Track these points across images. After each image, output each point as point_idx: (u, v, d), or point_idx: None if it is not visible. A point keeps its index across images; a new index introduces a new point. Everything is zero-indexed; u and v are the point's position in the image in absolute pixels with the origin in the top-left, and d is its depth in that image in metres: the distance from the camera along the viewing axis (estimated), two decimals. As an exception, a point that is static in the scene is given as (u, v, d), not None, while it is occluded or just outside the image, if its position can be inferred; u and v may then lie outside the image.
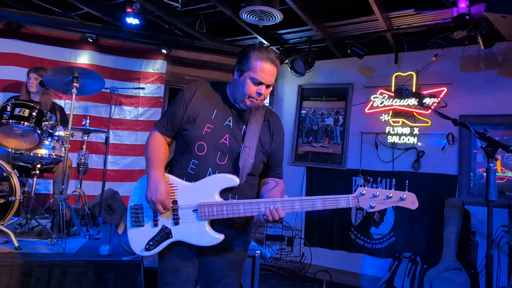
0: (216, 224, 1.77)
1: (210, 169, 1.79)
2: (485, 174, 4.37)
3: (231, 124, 1.86)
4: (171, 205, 1.77)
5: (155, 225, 1.79)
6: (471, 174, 4.68)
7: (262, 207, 1.71)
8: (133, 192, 1.88)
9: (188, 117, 1.83)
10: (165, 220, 1.79)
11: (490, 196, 1.77)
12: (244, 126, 1.87)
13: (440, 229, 4.47)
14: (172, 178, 1.83)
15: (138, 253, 1.80)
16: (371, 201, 1.68)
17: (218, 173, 1.78)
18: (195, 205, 1.76)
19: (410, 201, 1.70)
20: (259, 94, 1.79)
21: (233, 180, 1.76)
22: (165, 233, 1.77)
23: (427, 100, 4.60)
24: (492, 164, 1.78)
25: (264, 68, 1.75)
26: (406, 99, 4.77)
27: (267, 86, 1.80)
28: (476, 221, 4.43)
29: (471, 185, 4.68)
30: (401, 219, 4.96)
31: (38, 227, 3.54)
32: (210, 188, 1.77)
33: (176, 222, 1.77)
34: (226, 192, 1.78)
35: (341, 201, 1.70)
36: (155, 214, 1.80)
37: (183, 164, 1.84)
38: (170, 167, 1.93)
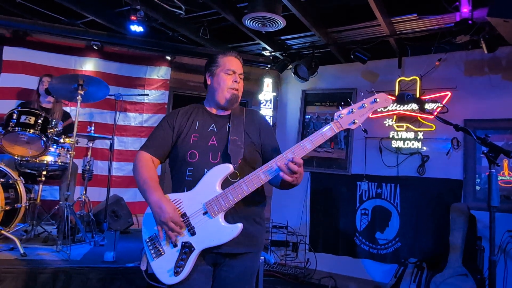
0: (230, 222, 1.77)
1: (206, 170, 1.82)
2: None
3: (214, 128, 1.95)
4: (181, 219, 1.76)
5: (174, 245, 1.77)
6: (477, 178, 4.65)
7: (261, 174, 1.73)
8: (144, 225, 1.86)
9: (177, 136, 1.94)
10: (182, 237, 1.76)
11: (492, 201, 1.76)
12: (228, 124, 1.96)
13: (445, 234, 4.43)
14: (172, 195, 1.84)
15: (169, 283, 1.74)
16: (351, 118, 1.71)
17: None
18: (203, 207, 1.76)
19: (383, 99, 1.73)
20: (236, 82, 1.96)
21: (227, 167, 1.78)
22: (187, 249, 1.74)
23: (429, 106, 4.58)
24: (493, 170, 1.78)
25: (231, 60, 1.99)
26: (411, 104, 4.76)
27: (239, 76, 1.99)
28: (482, 226, 4.38)
29: (477, 189, 4.65)
30: (406, 224, 4.93)
31: (43, 233, 3.57)
32: (209, 185, 1.77)
33: (192, 232, 1.76)
34: (228, 185, 1.78)
35: (326, 132, 1.73)
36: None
37: (180, 176, 1.88)
38: (172, 187, 1.95)
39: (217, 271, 1.86)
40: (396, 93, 4.97)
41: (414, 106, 4.71)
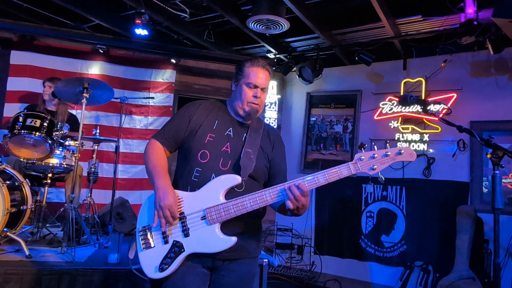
0: (226, 233, 1.76)
1: (213, 174, 1.80)
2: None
3: (231, 133, 1.91)
4: (178, 216, 1.76)
5: (166, 242, 1.76)
6: (484, 181, 4.60)
7: (267, 195, 1.72)
8: (140, 215, 1.86)
9: (191, 130, 1.90)
10: (175, 235, 1.76)
11: (496, 203, 1.74)
12: (245, 133, 1.93)
13: (452, 237, 4.39)
14: (176, 191, 1.82)
15: (152, 277, 1.73)
16: (371, 163, 1.66)
17: None
18: (202, 211, 1.75)
19: (408, 153, 1.68)
20: (256, 97, 1.88)
21: (235, 178, 1.76)
22: (177, 248, 1.74)
23: (433, 107, 4.55)
24: (498, 172, 1.76)
25: (256, 73, 1.89)
26: (415, 106, 4.73)
27: (262, 90, 1.90)
28: (489, 229, 4.33)
29: (484, 192, 4.59)
30: (412, 227, 4.89)
31: (49, 235, 3.60)
32: (214, 191, 1.76)
33: (186, 233, 1.75)
34: (230, 196, 1.77)
35: (343, 170, 1.69)
36: (164, 231, 1.78)
37: (187, 173, 1.85)
38: (174, 181, 1.93)
39: (215, 275, 1.84)
40: (401, 95, 4.94)
41: (419, 107, 4.68)
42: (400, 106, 4.83)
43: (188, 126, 1.90)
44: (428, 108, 2.03)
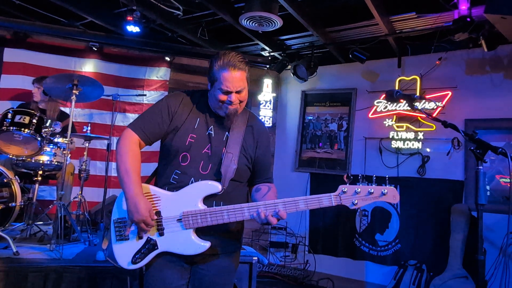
0: (203, 232, 1.75)
1: (192, 178, 1.77)
2: (498, 178, 4.25)
3: (212, 132, 1.85)
4: (155, 217, 1.74)
5: (140, 237, 1.76)
6: (479, 179, 4.57)
7: (246, 211, 1.70)
8: (115, 206, 1.84)
9: (173, 127, 1.83)
10: (149, 232, 1.76)
11: (480, 199, 1.72)
12: (227, 132, 1.86)
13: (446, 236, 4.36)
14: (153, 189, 1.80)
15: (125, 267, 1.76)
16: (353, 198, 1.66)
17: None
18: (179, 215, 1.74)
19: (391, 195, 1.66)
20: (230, 102, 1.77)
21: (215, 187, 1.74)
22: (150, 245, 1.75)
23: (427, 105, 4.53)
24: (481, 167, 1.73)
25: (227, 77, 1.73)
26: (403, 103, 4.71)
27: (238, 92, 1.77)
28: (484, 228, 4.26)
29: (478, 190, 4.56)
30: (406, 225, 4.86)
31: (39, 233, 3.58)
32: (193, 196, 1.75)
33: (161, 233, 1.75)
34: (210, 199, 1.76)
35: (324, 200, 1.69)
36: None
37: (166, 174, 1.83)
38: (155, 179, 1.91)
39: (194, 269, 1.84)
40: (387, 91, 4.91)
41: (407, 105, 4.64)
42: (395, 104, 4.81)
43: (170, 124, 1.83)
44: (414, 103, 2.00)
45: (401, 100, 3.38)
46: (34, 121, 3.37)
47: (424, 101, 4.68)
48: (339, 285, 4.97)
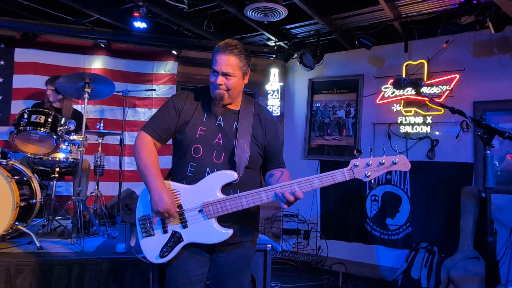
0: (223, 221, 1.83)
1: (208, 168, 1.85)
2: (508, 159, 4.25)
3: (222, 123, 1.92)
4: (177, 210, 1.83)
5: (165, 232, 1.84)
6: (488, 161, 4.58)
7: (263, 195, 1.77)
8: (138, 205, 1.93)
9: (183, 122, 1.91)
10: (174, 226, 1.84)
11: (488, 183, 1.77)
12: (235, 123, 1.93)
13: (457, 218, 4.40)
14: (173, 184, 1.88)
15: (153, 261, 1.84)
16: (365, 171, 1.71)
17: (216, 171, 1.84)
18: (200, 206, 1.81)
19: (402, 163, 1.73)
20: (216, 83, 1.85)
21: (232, 175, 1.82)
22: (176, 238, 1.83)
23: (435, 89, 4.52)
24: (489, 151, 1.78)
25: (217, 58, 1.85)
26: (410, 89, 4.69)
27: (224, 75, 1.84)
28: (494, 208, 4.34)
29: (488, 172, 4.58)
30: (417, 209, 4.91)
31: (59, 227, 3.71)
32: (211, 187, 1.82)
33: (184, 225, 1.83)
34: (227, 188, 1.83)
35: (337, 175, 1.74)
36: (163, 221, 1.86)
37: (182, 168, 1.90)
38: (171, 174, 1.99)
39: (214, 256, 1.92)
40: (394, 79, 4.91)
41: (413, 91, 4.64)
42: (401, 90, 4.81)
43: (179, 120, 1.90)
44: (421, 90, 2.03)
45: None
46: (49, 120, 3.46)
47: (435, 86, 4.67)
48: (351, 269, 5.07)
